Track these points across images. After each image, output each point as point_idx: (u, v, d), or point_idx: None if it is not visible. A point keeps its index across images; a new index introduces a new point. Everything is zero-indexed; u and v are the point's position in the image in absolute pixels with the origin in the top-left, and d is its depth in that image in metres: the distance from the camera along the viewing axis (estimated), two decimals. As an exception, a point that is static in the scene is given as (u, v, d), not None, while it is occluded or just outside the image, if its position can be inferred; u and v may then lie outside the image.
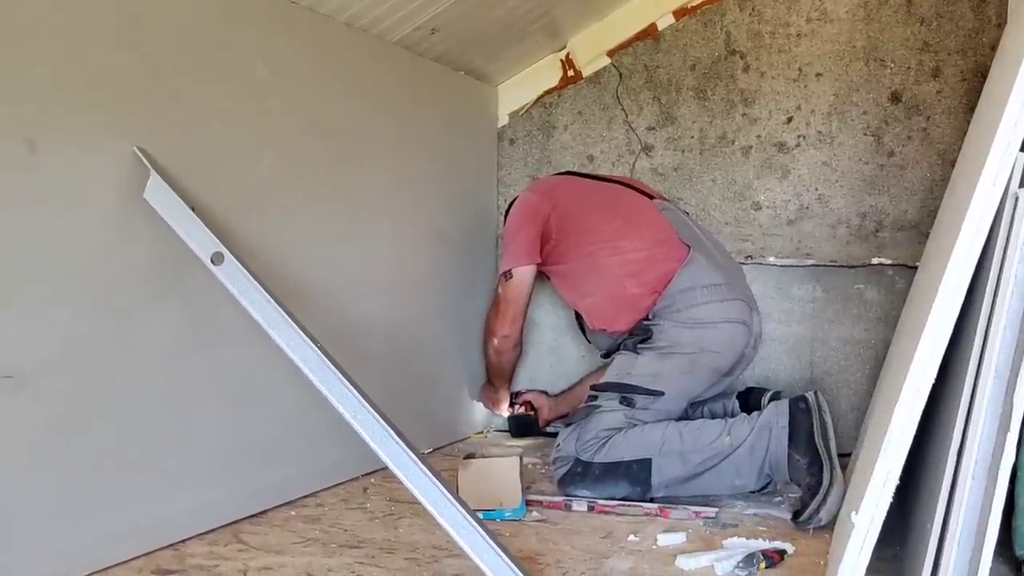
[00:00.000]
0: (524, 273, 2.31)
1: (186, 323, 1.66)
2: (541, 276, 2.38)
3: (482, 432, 2.73)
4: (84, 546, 1.47)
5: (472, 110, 2.69)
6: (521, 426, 2.64)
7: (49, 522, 1.42)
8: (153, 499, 1.60)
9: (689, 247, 2.16)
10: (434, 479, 1.40)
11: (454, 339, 2.58)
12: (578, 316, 2.49)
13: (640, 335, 2.12)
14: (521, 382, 2.75)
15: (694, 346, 2.07)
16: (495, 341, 2.44)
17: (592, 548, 1.68)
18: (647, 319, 2.15)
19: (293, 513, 1.87)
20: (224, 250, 1.49)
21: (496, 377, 2.58)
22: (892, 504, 1.19)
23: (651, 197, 2.33)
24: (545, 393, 2.68)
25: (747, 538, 1.71)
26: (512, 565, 1.37)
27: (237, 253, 1.52)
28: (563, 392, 2.68)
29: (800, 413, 1.88)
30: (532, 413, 2.64)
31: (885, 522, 1.18)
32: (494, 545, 1.37)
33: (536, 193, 2.37)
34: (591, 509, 1.93)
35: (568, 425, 2.09)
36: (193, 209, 1.51)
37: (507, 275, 2.32)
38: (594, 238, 2.24)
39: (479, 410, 2.72)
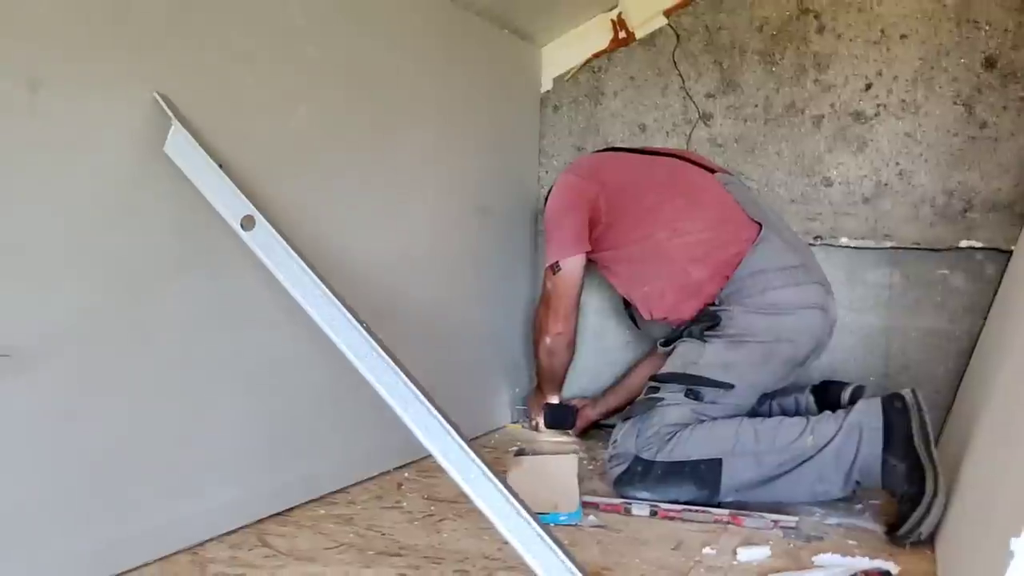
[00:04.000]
0: (574, 264, 2.10)
1: (210, 299, 1.45)
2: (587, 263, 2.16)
3: (519, 422, 2.53)
4: (90, 551, 1.27)
5: (515, 72, 2.47)
6: (556, 416, 2.40)
7: (50, 524, 1.22)
8: (169, 497, 1.41)
9: (760, 225, 1.95)
10: (501, 487, 1.20)
11: (492, 322, 2.38)
12: (626, 304, 2.28)
13: (707, 322, 1.91)
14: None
15: (769, 334, 1.86)
16: (547, 340, 2.21)
17: (665, 562, 1.48)
18: (713, 304, 1.94)
19: (323, 512, 1.67)
20: (256, 213, 1.29)
21: (547, 382, 2.35)
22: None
23: (711, 171, 2.11)
24: (587, 398, 2.47)
25: (841, 554, 1.50)
26: (585, 585, 1.17)
27: (270, 218, 1.32)
28: (610, 387, 2.44)
29: (895, 413, 1.67)
30: (572, 406, 2.41)
31: None
32: (568, 562, 1.17)
33: (578, 174, 2.14)
34: (654, 514, 1.73)
35: (625, 419, 1.88)
36: (221, 166, 1.30)
37: (554, 268, 2.11)
38: (651, 220, 2.02)
39: (514, 397, 2.52)
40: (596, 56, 2.52)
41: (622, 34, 2.48)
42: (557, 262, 2.10)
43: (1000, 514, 1.14)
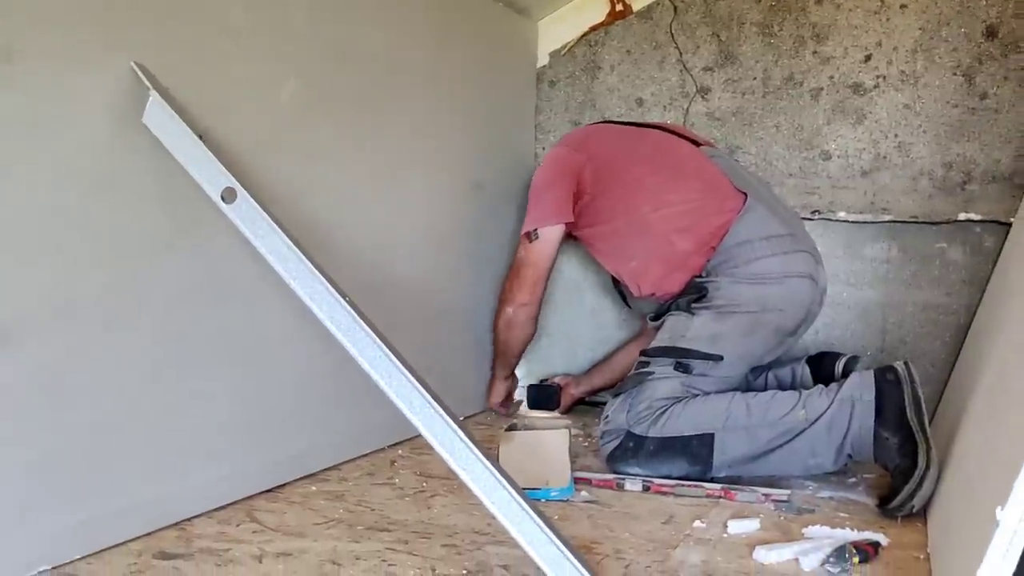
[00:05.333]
0: (551, 234, 2.07)
1: (196, 273, 1.44)
2: (572, 240, 2.17)
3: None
4: (75, 525, 1.28)
5: (510, 47, 2.44)
6: (539, 396, 2.40)
7: (35, 499, 1.23)
8: (156, 472, 1.41)
9: (745, 195, 1.93)
10: (481, 456, 1.20)
11: (489, 299, 2.36)
12: (615, 282, 2.27)
13: (694, 293, 1.90)
14: (558, 345, 2.54)
15: (756, 304, 1.85)
16: (509, 310, 2.15)
17: (654, 536, 1.47)
18: (700, 276, 1.92)
19: (314, 488, 1.67)
20: (237, 185, 1.27)
21: (499, 357, 2.26)
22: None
23: (698, 144, 2.09)
24: (569, 375, 2.47)
25: (830, 527, 1.49)
26: (571, 558, 1.17)
27: (254, 191, 1.30)
28: (595, 365, 2.45)
29: (888, 385, 1.65)
30: (555, 385, 2.41)
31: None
32: (552, 535, 1.17)
33: (567, 146, 2.13)
34: (646, 489, 1.72)
35: (616, 395, 1.87)
36: (201, 137, 1.29)
37: (531, 235, 2.08)
38: (635, 192, 2.00)
39: (522, 377, 2.51)
40: (593, 29, 2.49)
41: (619, 7, 2.45)
42: (535, 229, 2.07)
43: (988, 485, 1.13)
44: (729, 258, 1.88)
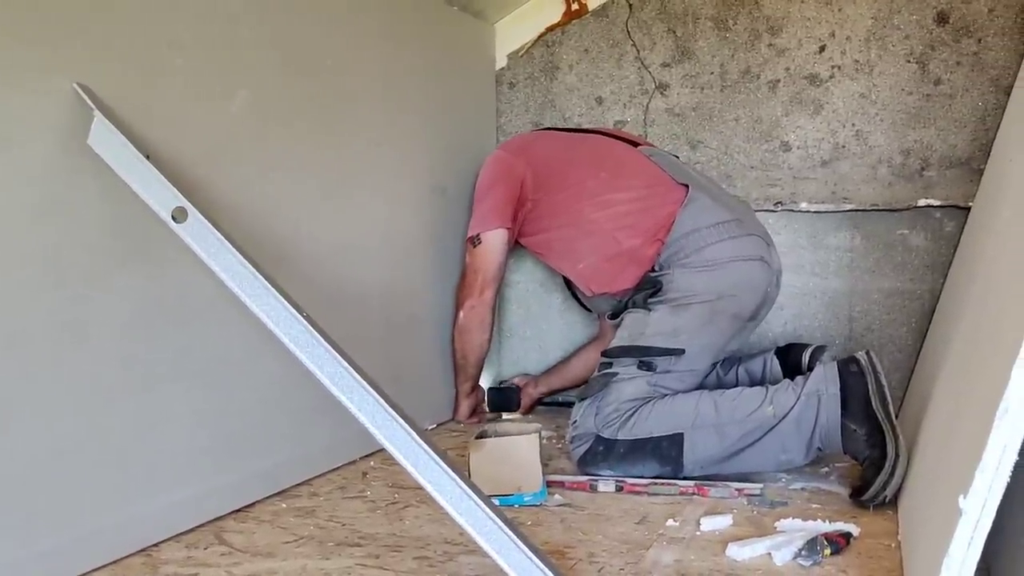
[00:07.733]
0: (494, 238, 2.08)
1: (151, 294, 1.41)
2: (521, 247, 2.19)
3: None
4: (35, 556, 1.24)
5: (467, 50, 2.43)
6: (499, 399, 2.40)
7: (-9, 533, 1.20)
8: (119, 498, 1.37)
9: (687, 187, 1.94)
10: (446, 467, 1.18)
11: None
12: (568, 283, 2.27)
13: (648, 288, 1.90)
14: (530, 348, 2.53)
15: (711, 292, 1.85)
16: (460, 315, 2.17)
17: (628, 537, 1.46)
18: (653, 271, 1.93)
19: (284, 505, 1.65)
20: (187, 205, 1.25)
21: (458, 371, 2.25)
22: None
23: (636, 144, 2.11)
24: (528, 376, 2.48)
25: (802, 519, 1.50)
26: (540, 564, 1.16)
27: (205, 210, 1.28)
28: (554, 366, 2.46)
29: (852, 377, 1.66)
30: (514, 386, 2.42)
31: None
32: (519, 542, 1.16)
33: (508, 151, 2.15)
34: (619, 489, 1.72)
35: (583, 399, 1.86)
36: (148, 156, 1.26)
37: (474, 240, 2.09)
38: (578, 195, 2.02)
39: (483, 381, 2.50)
40: (550, 30, 2.48)
41: (574, 6, 2.45)
42: (478, 234, 2.09)
43: (951, 473, 1.13)
44: (679, 249, 1.88)
